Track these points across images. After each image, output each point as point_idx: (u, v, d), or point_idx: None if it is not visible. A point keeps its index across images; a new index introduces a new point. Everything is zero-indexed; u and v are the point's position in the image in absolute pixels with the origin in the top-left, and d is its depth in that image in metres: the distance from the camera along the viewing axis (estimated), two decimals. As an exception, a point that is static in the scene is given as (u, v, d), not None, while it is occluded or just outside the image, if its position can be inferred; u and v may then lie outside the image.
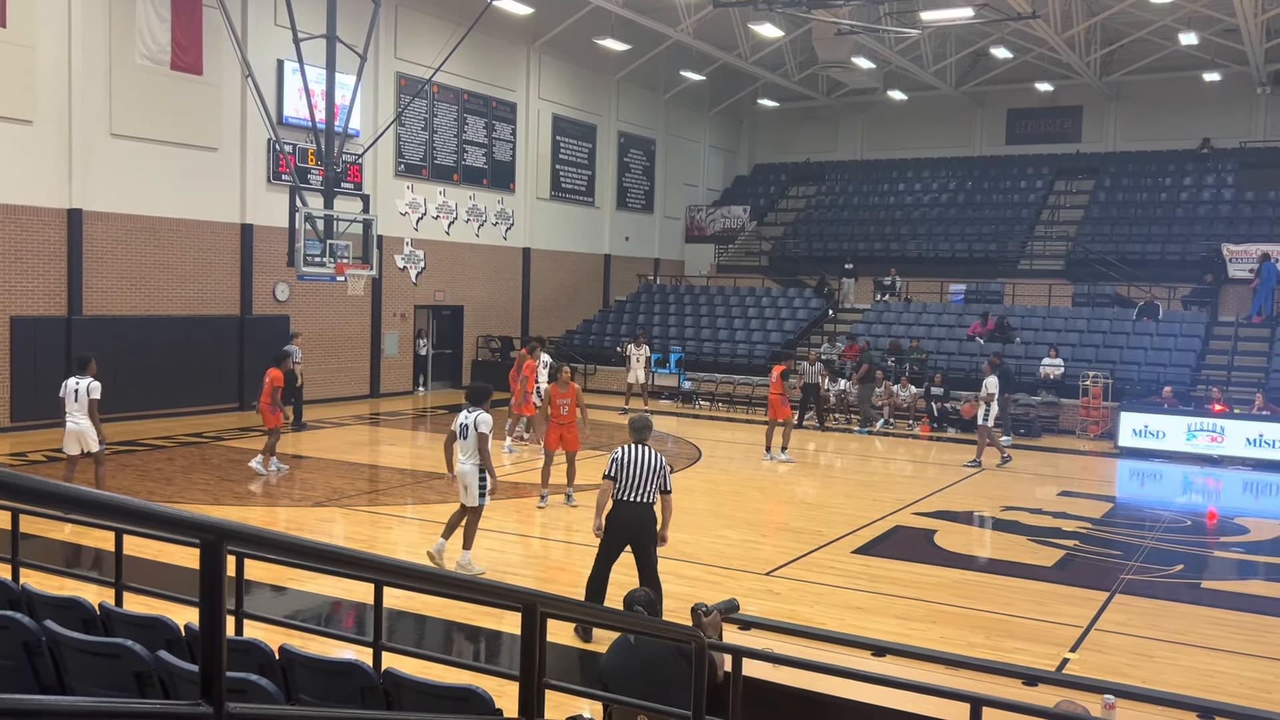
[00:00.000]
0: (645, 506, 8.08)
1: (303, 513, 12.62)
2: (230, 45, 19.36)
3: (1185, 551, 11.95)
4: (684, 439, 19.48)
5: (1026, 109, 34.48)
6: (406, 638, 8.00)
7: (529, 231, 29.17)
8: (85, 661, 3.94)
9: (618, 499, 8.10)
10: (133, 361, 18.76)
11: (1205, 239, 27.75)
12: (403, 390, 25.43)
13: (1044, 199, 32.81)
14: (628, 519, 8.07)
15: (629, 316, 29.76)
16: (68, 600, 4.80)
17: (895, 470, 17.73)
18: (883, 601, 9.41)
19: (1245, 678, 7.80)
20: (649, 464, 8.08)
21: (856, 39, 26.73)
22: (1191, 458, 18.62)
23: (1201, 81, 30.20)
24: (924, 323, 26.30)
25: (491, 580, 8.11)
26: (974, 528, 12.74)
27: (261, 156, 21.38)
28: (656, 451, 8.28)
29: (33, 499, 1.70)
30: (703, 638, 4.34)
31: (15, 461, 14.66)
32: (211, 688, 1.94)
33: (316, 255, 17.41)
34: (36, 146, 17.64)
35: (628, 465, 8.05)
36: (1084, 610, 9.30)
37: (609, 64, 30.60)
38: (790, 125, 38.38)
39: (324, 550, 2.49)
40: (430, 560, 9.75)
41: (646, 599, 5.21)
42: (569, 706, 6.07)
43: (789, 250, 33.17)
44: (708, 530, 12.01)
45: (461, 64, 24.70)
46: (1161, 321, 24.11)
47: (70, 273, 18.29)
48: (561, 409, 13.32)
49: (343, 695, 4.07)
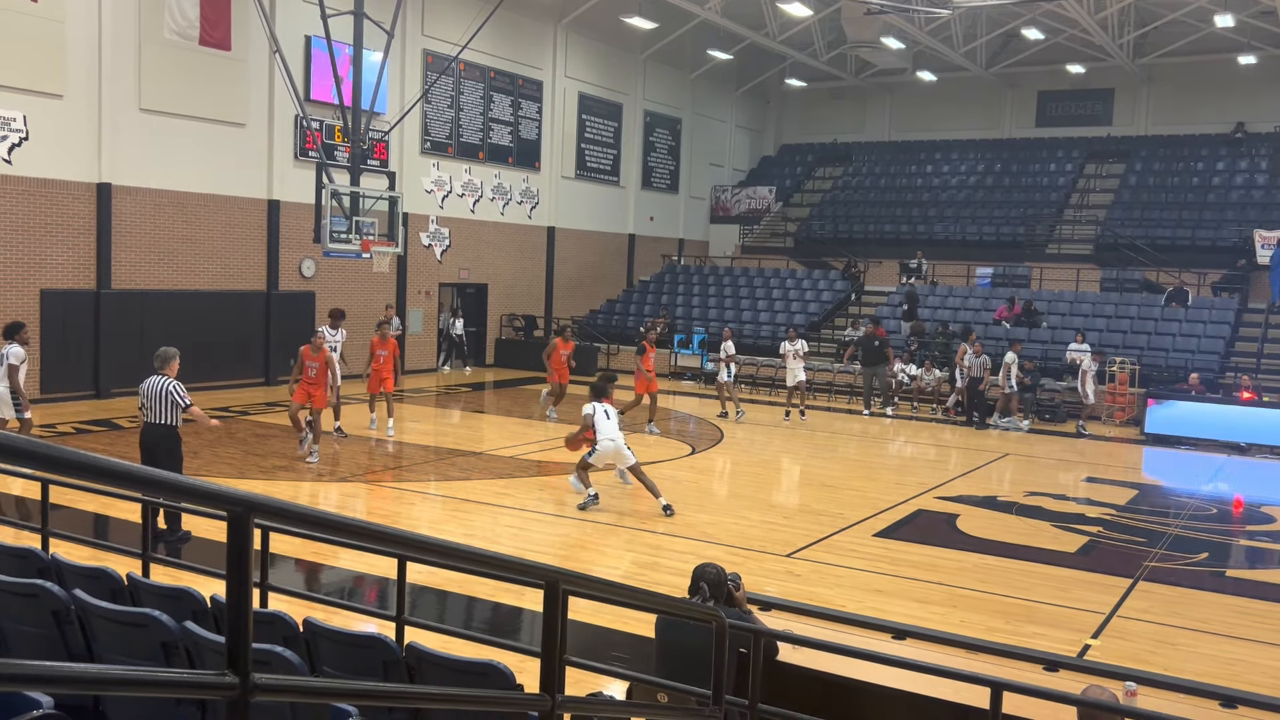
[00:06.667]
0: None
1: (327, 488, 12.72)
2: (258, 21, 19.40)
3: (1210, 540, 11.87)
4: (706, 420, 19.48)
5: (1057, 91, 34.05)
6: (429, 612, 8.07)
7: (554, 210, 29.15)
8: (113, 631, 3.99)
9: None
10: (160, 335, 18.83)
11: (1237, 224, 27.39)
12: (427, 368, 25.53)
13: (1073, 182, 32.47)
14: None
15: (653, 297, 29.73)
16: (96, 570, 4.87)
17: (918, 454, 17.67)
18: (903, 585, 9.40)
19: (1268, 667, 7.75)
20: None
21: (886, 19, 26.48)
22: (1219, 445, 18.45)
23: (1236, 64, 29.71)
24: (950, 306, 26.13)
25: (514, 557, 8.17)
26: (997, 513, 12.68)
27: (289, 133, 21.45)
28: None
29: (63, 469, 1.72)
30: (723, 618, 4.35)
31: (45, 432, 14.84)
32: (237, 658, 1.96)
33: (342, 232, 17.49)
34: (67, 120, 17.77)
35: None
36: (1106, 597, 9.25)
37: (636, 42, 30.45)
38: (818, 105, 38.09)
39: (349, 524, 2.51)
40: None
41: (715, 577, 5.17)
42: (589, 683, 6.11)
43: (814, 232, 32.99)
44: (729, 511, 12.02)
45: (488, 42, 24.65)
46: (1190, 308, 23.85)
47: (99, 246, 18.45)
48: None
49: (366, 668, 4.12)
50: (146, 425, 9.67)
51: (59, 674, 1.85)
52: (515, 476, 13.59)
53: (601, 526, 11.20)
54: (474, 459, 14.42)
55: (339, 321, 16.21)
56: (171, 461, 9.56)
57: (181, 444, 9.81)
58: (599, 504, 11.76)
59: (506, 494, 12.56)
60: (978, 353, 20.16)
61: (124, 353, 18.40)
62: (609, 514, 11.78)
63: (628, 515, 11.68)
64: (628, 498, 12.75)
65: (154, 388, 9.55)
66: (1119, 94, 33.36)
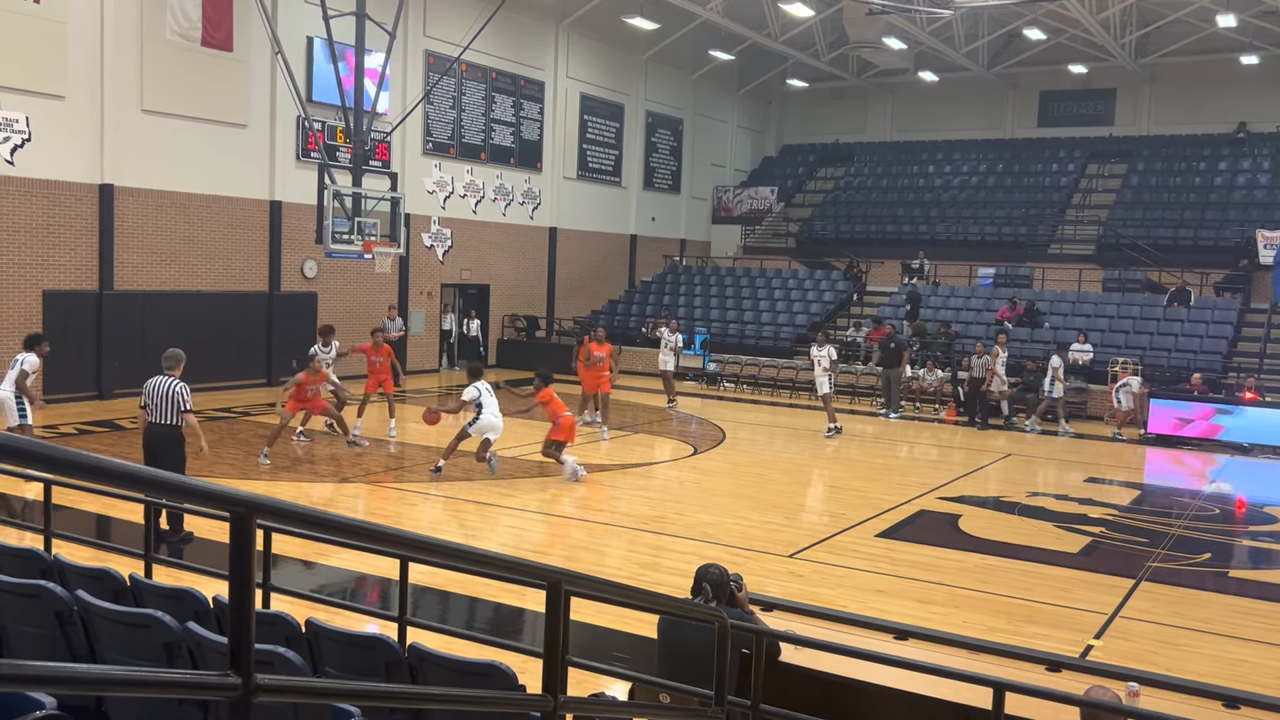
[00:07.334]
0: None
1: (329, 488, 12.73)
2: (260, 22, 19.41)
3: (1213, 540, 11.86)
4: (708, 420, 19.47)
5: (1059, 91, 34.04)
6: (431, 613, 8.07)
7: (555, 211, 29.15)
8: (116, 631, 4.00)
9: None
10: (162, 336, 18.83)
11: (1239, 224, 27.37)
12: (429, 368, 25.54)
13: (1075, 182, 32.45)
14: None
15: (654, 297, 29.73)
16: (99, 571, 4.87)
17: (920, 454, 17.67)
18: (905, 585, 9.40)
19: (1271, 667, 7.74)
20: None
21: (887, 19, 26.47)
22: (1221, 446, 18.43)
23: (1238, 64, 29.68)
24: (952, 306, 26.12)
25: (516, 557, 8.17)
26: (999, 513, 12.68)
27: (291, 133, 21.47)
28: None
29: (65, 470, 1.72)
30: (725, 619, 4.35)
31: (47, 433, 14.86)
32: (240, 659, 1.96)
33: (344, 233, 17.49)
34: (69, 121, 17.78)
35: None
36: (1109, 597, 9.25)
37: (637, 43, 30.46)
38: (819, 105, 38.09)
39: (351, 525, 2.51)
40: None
41: (718, 578, 5.18)
42: (591, 684, 6.11)
43: (816, 232, 32.98)
44: (730, 511, 12.02)
45: (490, 42, 24.66)
46: (1193, 308, 23.82)
47: (102, 247, 18.47)
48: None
49: (368, 669, 4.12)
50: (150, 425, 9.66)
51: (61, 675, 1.85)
52: (517, 477, 13.60)
53: (603, 527, 11.20)
54: (476, 459, 14.40)
55: (330, 338, 16.12)
56: (174, 462, 9.56)
57: (185, 444, 9.81)
58: (440, 470, 13.20)
59: (508, 495, 12.57)
60: (979, 353, 20.14)
61: (126, 354, 18.43)
62: (610, 514, 11.78)
63: (629, 516, 11.68)
64: (629, 498, 12.76)
65: (160, 388, 9.55)
66: (1121, 94, 33.34)
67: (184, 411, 9.58)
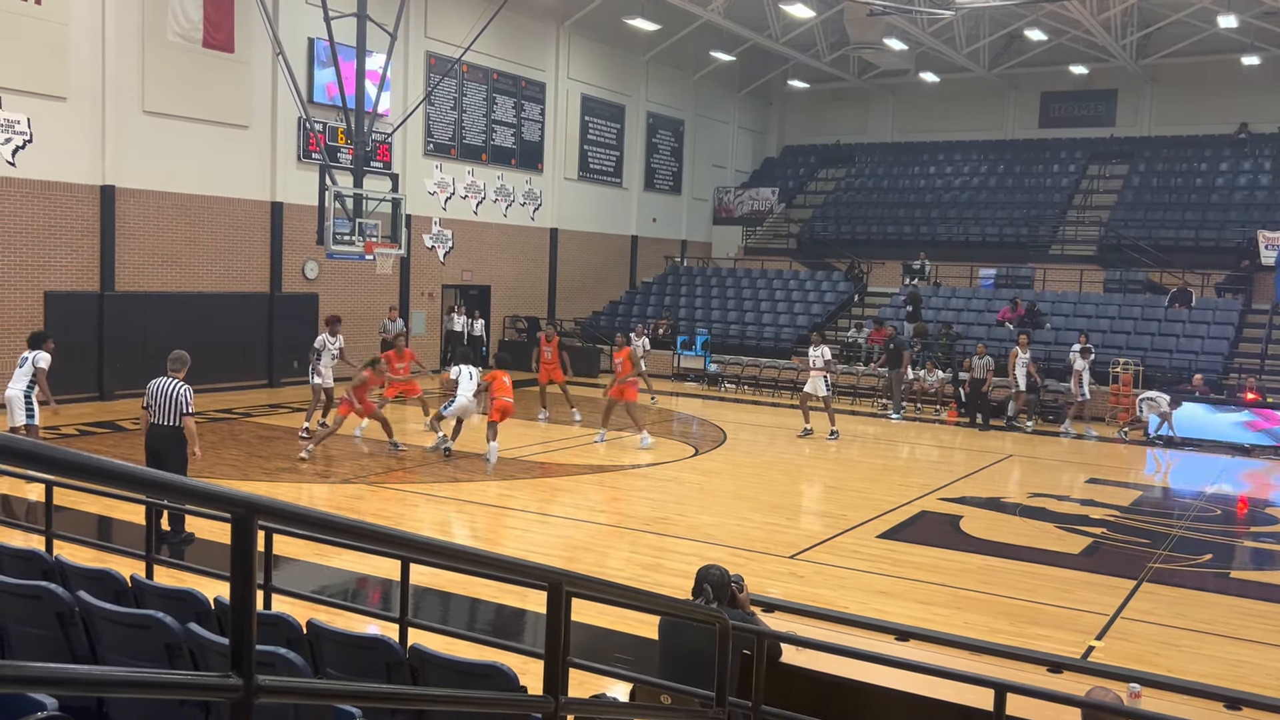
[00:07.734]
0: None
1: (331, 490, 12.73)
2: (261, 23, 19.42)
3: (1214, 541, 11.85)
4: (709, 421, 19.47)
5: (1060, 92, 34.02)
6: (432, 614, 8.07)
7: (556, 212, 29.15)
8: (117, 632, 4.00)
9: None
10: (163, 337, 18.86)
11: (1240, 225, 27.35)
12: (430, 369, 25.52)
13: (1077, 183, 32.43)
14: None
15: (655, 298, 29.74)
16: (100, 572, 4.88)
17: (921, 455, 17.66)
18: (906, 586, 9.39)
19: (1272, 668, 7.73)
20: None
21: (888, 20, 26.48)
22: (1223, 446, 18.42)
23: (1240, 65, 29.66)
24: (953, 307, 26.11)
25: (517, 558, 8.17)
26: (1000, 514, 12.67)
27: (292, 134, 21.48)
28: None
29: (67, 471, 1.72)
30: (726, 620, 4.35)
31: (49, 435, 14.86)
32: (241, 660, 1.96)
33: (346, 234, 17.49)
34: (70, 123, 17.79)
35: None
36: (1110, 598, 9.24)
37: (638, 44, 30.46)
38: (820, 106, 38.08)
39: (352, 526, 2.51)
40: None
41: (719, 579, 5.17)
42: (593, 685, 6.11)
43: (817, 233, 32.98)
44: (731, 512, 12.02)
45: (491, 44, 24.65)
46: (1194, 309, 23.81)
47: (103, 248, 18.48)
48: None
49: (369, 670, 4.12)
50: (153, 426, 9.66)
51: (63, 676, 1.85)
52: (518, 478, 13.60)
53: (604, 528, 11.20)
54: (477, 460, 14.41)
55: (337, 328, 16.16)
56: (177, 463, 9.57)
57: (187, 445, 9.81)
58: (451, 453, 14.37)
59: (509, 495, 12.57)
60: (980, 354, 20.12)
61: (127, 355, 18.43)
62: (611, 515, 11.78)
63: (630, 517, 11.68)
64: (628, 499, 12.77)
65: (163, 389, 9.55)
66: (1122, 95, 33.32)
67: (184, 414, 9.57)
